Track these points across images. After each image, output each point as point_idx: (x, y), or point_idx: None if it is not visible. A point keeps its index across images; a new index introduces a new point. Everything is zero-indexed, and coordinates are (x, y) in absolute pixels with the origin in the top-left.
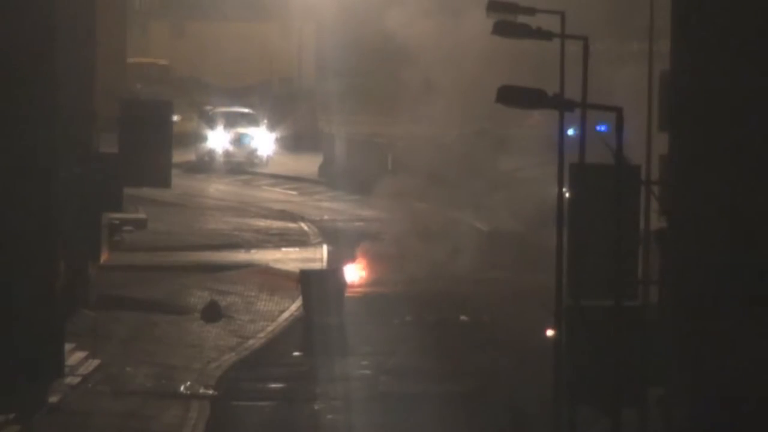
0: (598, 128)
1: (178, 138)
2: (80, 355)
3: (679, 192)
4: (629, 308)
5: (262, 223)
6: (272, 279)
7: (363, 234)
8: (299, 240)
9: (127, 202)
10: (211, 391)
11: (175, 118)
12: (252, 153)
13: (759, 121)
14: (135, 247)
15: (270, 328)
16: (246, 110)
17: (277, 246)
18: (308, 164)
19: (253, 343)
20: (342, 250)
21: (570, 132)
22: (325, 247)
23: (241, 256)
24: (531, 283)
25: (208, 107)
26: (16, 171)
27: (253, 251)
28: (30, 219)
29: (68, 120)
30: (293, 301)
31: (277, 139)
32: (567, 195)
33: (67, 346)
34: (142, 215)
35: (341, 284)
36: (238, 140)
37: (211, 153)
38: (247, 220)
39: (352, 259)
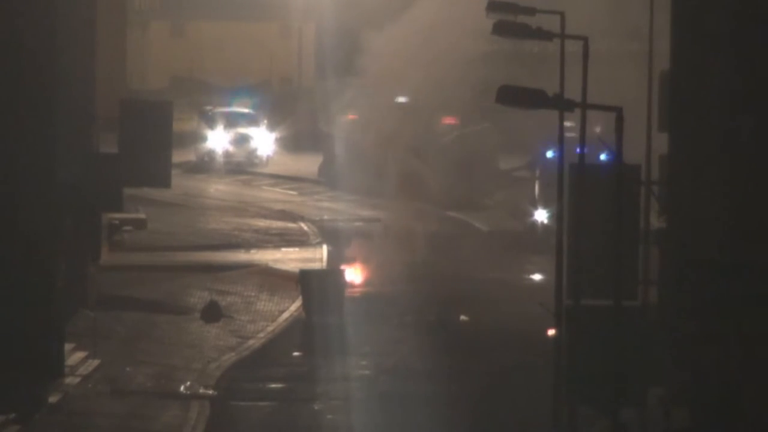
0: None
1: (178, 138)
2: (80, 355)
3: (679, 192)
4: (629, 308)
5: (262, 223)
6: (272, 279)
7: (363, 234)
8: (299, 240)
9: (127, 202)
10: (211, 391)
11: None
12: (252, 153)
13: (758, 121)
14: (135, 247)
15: (270, 328)
16: (246, 110)
17: (277, 246)
18: (308, 164)
19: (253, 343)
20: (342, 250)
21: (549, 154)
22: (324, 247)
23: (241, 256)
24: (531, 283)
25: (208, 107)
26: (16, 171)
27: (253, 251)
28: (30, 219)
29: (68, 120)
30: (293, 301)
31: (277, 139)
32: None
33: (67, 346)
34: (142, 215)
35: (341, 284)
36: (238, 140)
37: (211, 153)
38: (247, 220)
39: (351, 258)
